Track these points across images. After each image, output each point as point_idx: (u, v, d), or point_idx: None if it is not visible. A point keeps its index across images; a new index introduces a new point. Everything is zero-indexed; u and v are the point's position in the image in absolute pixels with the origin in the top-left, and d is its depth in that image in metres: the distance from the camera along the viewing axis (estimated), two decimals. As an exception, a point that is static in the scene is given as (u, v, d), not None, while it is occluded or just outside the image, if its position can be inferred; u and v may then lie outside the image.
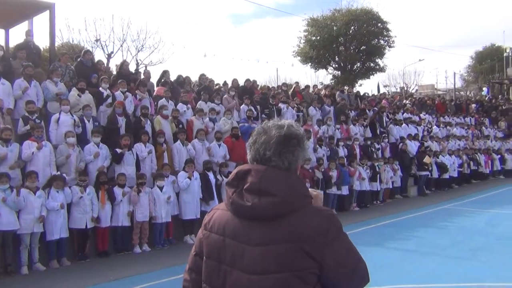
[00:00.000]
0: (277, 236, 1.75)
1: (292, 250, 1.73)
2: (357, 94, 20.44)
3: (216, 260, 1.86)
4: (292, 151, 1.86)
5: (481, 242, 9.37)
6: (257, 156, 1.87)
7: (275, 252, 1.73)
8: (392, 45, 37.42)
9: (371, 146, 15.84)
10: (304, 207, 1.80)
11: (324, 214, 1.82)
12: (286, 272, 1.72)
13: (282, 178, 1.81)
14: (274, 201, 1.76)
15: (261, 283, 1.73)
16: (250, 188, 1.80)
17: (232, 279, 1.80)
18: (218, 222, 1.90)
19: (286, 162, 1.84)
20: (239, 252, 1.80)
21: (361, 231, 10.74)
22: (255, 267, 1.75)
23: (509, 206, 13.64)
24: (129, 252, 9.19)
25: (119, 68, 12.40)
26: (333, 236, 1.77)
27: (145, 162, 9.99)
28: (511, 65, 42.83)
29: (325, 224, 1.77)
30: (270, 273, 1.73)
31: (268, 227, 1.77)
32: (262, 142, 1.86)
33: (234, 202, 1.84)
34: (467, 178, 19.39)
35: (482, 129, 23.36)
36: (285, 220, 1.76)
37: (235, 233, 1.83)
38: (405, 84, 45.76)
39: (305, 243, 1.73)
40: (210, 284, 1.88)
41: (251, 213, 1.79)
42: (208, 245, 1.90)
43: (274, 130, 1.87)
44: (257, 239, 1.77)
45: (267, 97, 14.79)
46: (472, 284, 6.70)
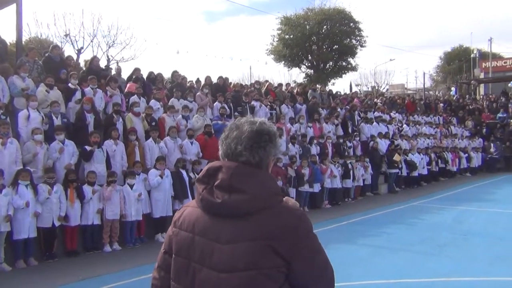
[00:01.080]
0: (246, 234, 1.74)
1: (260, 248, 1.72)
2: (330, 92, 20.66)
3: (185, 257, 1.84)
4: (264, 146, 1.85)
5: (448, 238, 9.60)
6: (228, 151, 1.85)
7: (243, 250, 1.72)
8: (364, 44, 37.99)
9: (343, 144, 16.03)
10: (275, 205, 1.80)
11: (295, 213, 1.81)
12: (254, 270, 1.71)
13: (253, 175, 1.80)
14: (244, 199, 1.75)
15: (230, 281, 1.72)
16: (220, 185, 1.79)
17: (201, 277, 1.79)
18: (188, 220, 1.88)
19: (257, 157, 1.83)
20: (209, 249, 1.78)
21: (332, 228, 10.86)
22: (224, 265, 1.74)
23: (475, 203, 14.03)
24: (99, 251, 9.03)
25: (89, 63, 12.17)
26: (302, 235, 1.77)
27: (115, 160, 9.84)
28: (478, 65, 44.08)
29: (295, 223, 1.77)
30: (238, 271, 1.72)
31: (237, 225, 1.76)
32: (234, 137, 1.85)
33: (204, 198, 1.82)
34: (435, 175, 19.86)
35: (450, 128, 23.94)
36: (255, 218, 1.75)
37: (205, 231, 1.81)
38: (377, 83, 46.54)
39: (274, 242, 1.73)
40: (179, 282, 1.86)
41: (221, 210, 1.78)
42: (178, 243, 1.88)
43: (246, 126, 1.86)
44: (227, 237, 1.76)
45: (240, 95, 14.78)
46: (440, 279, 6.86)
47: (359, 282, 6.74)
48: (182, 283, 1.85)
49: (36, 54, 11.25)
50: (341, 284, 6.62)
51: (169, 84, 14.38)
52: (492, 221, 11.34)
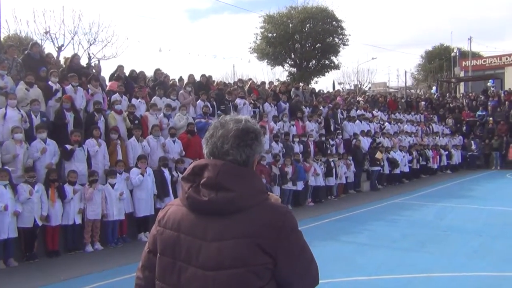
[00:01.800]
0: (233, 232, 1.75)
1: (247, 245, 1.73)
2: (312, 91, 20.76)
3: (170, 256, 1.84)
4: (250, 144, 1.86)
5: (429, 234, 9.74)
6: (214, 150, 1.85)
7: (230, 248, 1.73)
8: (346, 43, 38.28)
9: (325, 142, 16.12)
10: (260, 203, 1.81)
11: (280, 210, 1.83)
12: (241, 267, 1.72)
13: (239, 173, 1.81)
14: (231, 196, 1.76)
15: (216, 278, 1.73)
16: (206, 183, 1.78)
17: (187, 276, 1.78)
18: (172, 218, 1.87)
19: (244, 155, 1.84)
20: (195, 248, 1.78)
21: (315, 225, 10.92)
22: (210, 262, 1.74)
23: (455, 199, 14.26)
24: (81, 251, 8.93)
25: (69, 61, 11.98)
26: (287, 232, 1.78)
27: (97, 159, 9.72)
28: (458, 64, 44.73)
29: (280, 221, 1.78)
30: (225, 268, 1.72)
31: (224, 223, 1.76)
32: (220, 136, 1.85)
33: (190, 197, 1.82)
34: (417, 173, 20.13)
35: (431, 126, 24.28)
36: (241, 216, 1.76)
37: (191, 229, 1.81)
38: (359, 81, 46.89)
39: (260, 239, 1.74)
40: (164, 281, 1.85)
41: (208, 208, 1.78)
42: (163, 242, 1.87)
43: (231, 124, 1.87)
44: (213, 235, 1.76)
45: (223, 93, 14.74)
46: (421, 275, 6.95)
47: (342, 278, 6.79)
48: (168, 282, 1.84)
49: (15, 52, 11.05)
50: (324, 281, 6.66)
51: (151, 82, 14.27)
52: (472, 217, 11.53)
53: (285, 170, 13.23)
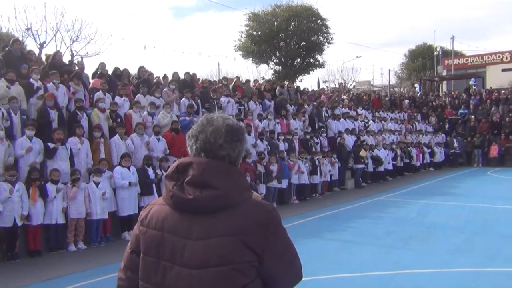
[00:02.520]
0: (218, 229, 1.74)
1: (233, 243, 1.72)
2: (297, 89, 20.82)
3: (154, 256, 1.81)
4: (241, 140, 1.88)
5: (412, 231, 9.84)
6: (207, 145, 1.83)
7: (216, 245, 1.72)
8: (331, 41, 38.44)
9: (310, 140, 16.18)
10: (245, 200, 1.81)
11: (265, 208, 1.83)
12: (227, 265, 1.71)
13: (224, 171, 1.80)
14: (216, 194, 1.75)
15: (202, 277, 1.72)
16: (191, 181, 1.77)
17: (172, 275, 1.76)
18: (156, 217, 1.85)
19: (237, 150, 1.86)
20: (179, 247, 1.76)
21: (300, 223, 10.95)
22: (195, 261, 1.73)
23: (438, 196, 14.42)
24: (63, 251, 8.82)
25: (51, 58, 11.81)
26: (273, 229, 1.79)
27: (80, 157, 9.61)
28: (441, 63, 45.27)
29: (265, 218, 1.79)
30: (210, 266, 1.72)
31: (209, 221, 1.75)
32: (212, 131, 1.84)
33: (174, 195, 1.79)
34: (400, 170, 20.33)
35: (414, 124, 24.53)
36: (226, 213, 1.76)
37: (175, 228, 1.79)
38: (344, 80, 47.16)
39: (246, 236, 1.74)
40: (148, 281, 1.83)
41: (193, 206, 1.76)
42: (146, 241, 1.85)
43: (221, 120, 1.87)
44: (198, 233, 1.75)
45: (208, 91, 14.69)
46: (404, 271, 7.02)
47: (326, 276, 6.82)
48: (152, 282, 1.81)
49: (-5, 49, 10.85)
50: (308, 278, 6.69)
51: (135, 80, 14.15)
52: (454, 214, 11.68)
53: (270, 168, 13.25)
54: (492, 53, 44.88)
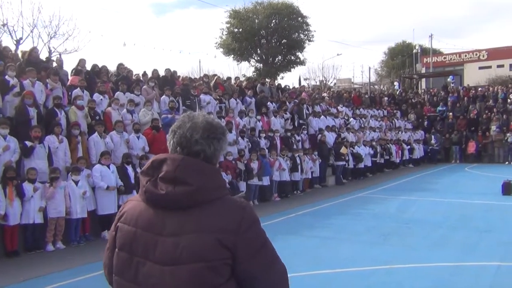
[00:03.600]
0: (191, 226, 1.73)
1: (205, 240, 1.71)
2: (278, 86, 20.85)
3: (128, 252, 1.81)
4: (219, 138, 1.87)
5: (392, 227, 9.96)
6: (182, 140, 1.83)
7: (188, 242, 1.71)
8: (311, 39, 38.62)
9: (291, 138, 16.23)
10: (220, 198, 1.80)
11: (239, 205, 1.82)
12: (199, 262, 1.70)
13: (198, 167, 1.79)
14: (189, 190, 1.74)
15: (174, 274, 1.70)
16: (165, 177, 1.77)
17: (144, 271, 1.76)
18: (131, 213, 1.85)
19: (212, 148, 1.85)
20: (152, 243, 1.76)
21: (281, 220, 10.99)
22: (167, 257, 1.72)
23: (417, 192, 14.64)
24: (41, 251, 8.67)
25: (27, 55, 11.57)
26: (246, 226, 1.77)
27: (58, 156, 9.45)
28: (420, 61, 45.88)
29: (239, 215, 1.78)
30: (183, 263, 1.70)
31: (182, 217, 1.75)
32: (190, 127, 1.84)
33: (147, 190, 1.80)
34: (380, 167, 20.55)
35: (394, 121, 24.82)
36: (200, 210, 1.75)
37: (148, 224, 1.79)
38: (324, 77, 47.43)
39: (219, 233, 1.72)
40: (122, 277, 1.83)
41: (165, 202, 1.76)
42: (121, 237, 1.85)
43: (201, 118, 1.88)
44: (171, 229, 1.74)
45: (188, 88, 14.59)
46: (383, 267, 7.10)
47: (307, 272, 6.85)
48: (126, 277, 1.81)
49: (-31, 45, 10.59)
50: (289, 275, 6.72)
51: (114, 77, 13.97)
52: (432, 210, 11.86)
53: (251, 166, 13.25)
54: (469, 51, 45.74)
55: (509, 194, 13.29)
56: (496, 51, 43.46)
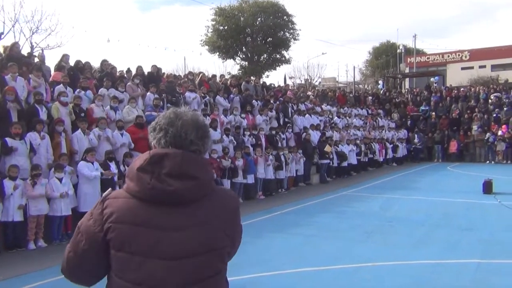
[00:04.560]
0: (198, 219, 1.77)
1: (213, 231, 1.80)
2: (263, 84, 20.86)
3: (128, 252, 1.75)
4: (209, 136, 1.93)
5: (375, 225, 10.04)
6: (177, 139, 1.82)
7: (195, 235, 1.75)
8: (297, 38, 38.68)
9: (276, 136, 16.25)
10: (215, 189, 1.88)
11: (232, 194, 2.02)
12: (207, 253, 1.76)
13: (198, 161, 1.84)
14: (197, 184, 1.79)
15: (181, 268, 1.72)
16: (171, 172, 1.75)
17: (147, 269, 1.73)
18: (123, 212, 1.78)
19: (206, 146, 1.91)
20: (155, 239, 1.73)
21: (265, 218, 10.99)
22: (174, 252, 1.72)
23: (400, 191, 14.79)
24: (22, 249, 8.54)
25: (8, 50, 11.37)
26: (239, 215, 1.96)
27: (40, 153, 9.31)
28: (404, 61, 46.31)
29: (235, 204, 1.95)
30: (189, 257, 1.73)
31: (185, 211, 1.77)
32: (182, 125, 1.83)
33: (155, 187, 1.75)
34: (364, 165, 20.71)
35: (378, 120, 25.03)
36: (201, 203, 1.80)
37: (148, 221, 1.75)
38: (309, 76, 47.58)
39: (223, 223, 1.84)
40: (123, 278, 1.77)
41: (173, 197, 1.75)
42: (117, 238, 1.77)
43: (189, 115, 1.87)
44: (176, 224, 1.75)
45: (173, 86, 14.51)
46: (366, 264, 7.16)
47: (291, 270, 6.88)
48: (127, 278, 1.76)
49: None
50: (274, 272, 6.75)
51: (97, 74, 13.81)
52: (415, 208, 12.00)
53: (236, 163, 13.23)
54: (452, 51, 46.32)
55: (490, 193, 13.51)
56: (478, 52, 44.10)
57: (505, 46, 41.39)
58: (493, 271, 6.77)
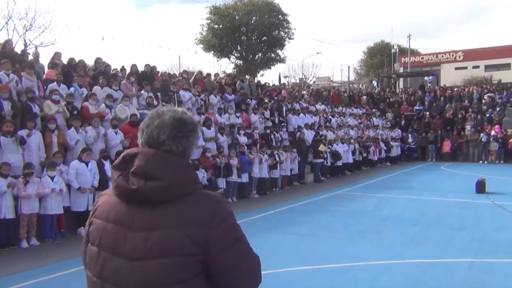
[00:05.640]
0: (162, 221, 1.71)
1: (176, 236, 1.69)
2: (258, 83, 20.86)
3: (97, 246, 1.80)
4: (187, 136, 1.84)
5: (369, 224, 10.07)
6: (150, 140, 1.81)
7: (158, 238, 1.69)
8: (292, 37, 38.75)
9: (270, 135, 16.26)
10: (192, 192, 1.78)
11: (212, 199, 1.79)
12: (169, 257, 1.68)
13: (170, 162, 1.77)
14: (160, 185, 1.72)
15: (143, 269, 1.69)
16: (136, 171, 1.75)
17: (111, 266, 1.74)
18: (103, 208, 1.84)
19: (180, 147, 1.81)
20: (121, 237, 1.74)
21: (260, 217, 10.99)
22: (137, 252, 1.71)
23: (393, 190, 14.84)
24: (15, 247, 8.49)
25: (1, 47, 11.29)
26: (219, 221, 1.74)
27: (31, 150, 9.25)
28: (398, 60, 46.46)
29: (211, 210, 1.75)
30: (152, 258, 1.69)
31: (153, 212, 1.73)
32: (156, 126, 1.81)
33: (118, 185, 1.78)
34: (358, 165, 20.77)
35: (372, 119, 25.10)
36: (171, 205, 1.73)
37: (119, 218, 1.77)
38: (304, 75, 47.63)
39: (190, 229, 1.70)
40: (91, 271, 1.82)
41: (136, 196, 1.74)
42: (93, 231, 1.84)
43: (168, 115, 1.83)
44: (142, 224, 1.73)
45: (168, 84, 14.46)
46: (360, 263, 7.18)
47: (285, 269, 6.88)
48: (93, 272, 1.81)
49: None
50: (268, 271, 6.74)
51: (91, 72, 13.74)
52: (408, 207, 12.05)
53: (230, 162, 13.22)
54: (446, 52, 46.50)
55: (483, 192, 13.58)
56: (472, 52, 44.31)
57: (499, 47, 41.66)
58: (486, 270, 6.81)
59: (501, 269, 6.89)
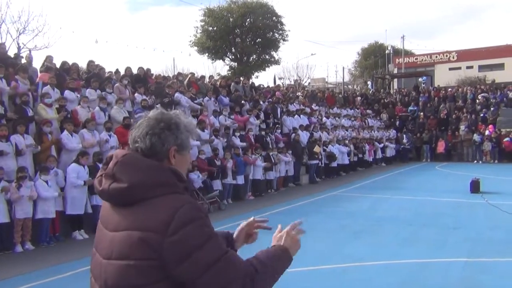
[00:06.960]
0: (125, 223, 1.73)
1: (131, 238, 1.68)
2: (252, 85, 20.87)
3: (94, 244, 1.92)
4: (158, 133, 1.81)
5: (364, 224, 10.09)
6: (130, 138, 1.88)
7: (119, 239, 1.72)
8: (286, 38, 38.74)
9: (265, 136, 16.26)
10: (157, 196, 1.72)
11: (174, 204, 1.69)
12: (123, 260, 1.70)
13: (135, 164, 1.76)
14: (120, 187, 1.73)
15: (106, 268, 1.76)
16: (107, 173, 1.80)
17: (94, 261, 1.86)
18: (102, 207, 1.94)
19: (148, 143, 1.80)
20: (101, 236, 1.84)
21: (255, 219, 10.97)
22: (104, 252, 1.78)
23: (388, 191, 14.87)
24: (9, 252, 8.45)
25: (-5, 51, 11.27)
26: (175, 228, 1.64)
27: (25, 154, 9.20)
28: (392, 61, 46.63)
29: (168, 216, 1.66)
30: (113, 259, 1.74)
31: (120, 214, 1.77)
32: (137, 126, 1.86)
33: (94, 186, 1.88)
34: (353, 165, 20.81)
35: (367, 120, 25.17)
36: (134, 208, 1.73)
37: (103, 218, 1.87)
38: (299, 77, 47.69)
39: (145, 232, 1.66)
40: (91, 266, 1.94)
41: (105, 198, 1.82)
42: None
43: (154, 116, 1.86)
44: (112, 225, 1.79)
45: (162, 87, 14.45)
46: (355, 264, 7.19)
47: (280, 270, 6.87)
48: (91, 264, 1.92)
49: None
50: (263, 273, 6.73)
51: (85, 75, 13.70)
52: (403, 208, 12.07)
53: (225, 164, 13.21)
54: (440, 52, 46.71)
55: (477, 192, 13.64)
56: (466, 52, 44.52)
57: (492, 47, 41.88)
58: (480, 270, 6.83)
59: (496, 268, 6.92)
